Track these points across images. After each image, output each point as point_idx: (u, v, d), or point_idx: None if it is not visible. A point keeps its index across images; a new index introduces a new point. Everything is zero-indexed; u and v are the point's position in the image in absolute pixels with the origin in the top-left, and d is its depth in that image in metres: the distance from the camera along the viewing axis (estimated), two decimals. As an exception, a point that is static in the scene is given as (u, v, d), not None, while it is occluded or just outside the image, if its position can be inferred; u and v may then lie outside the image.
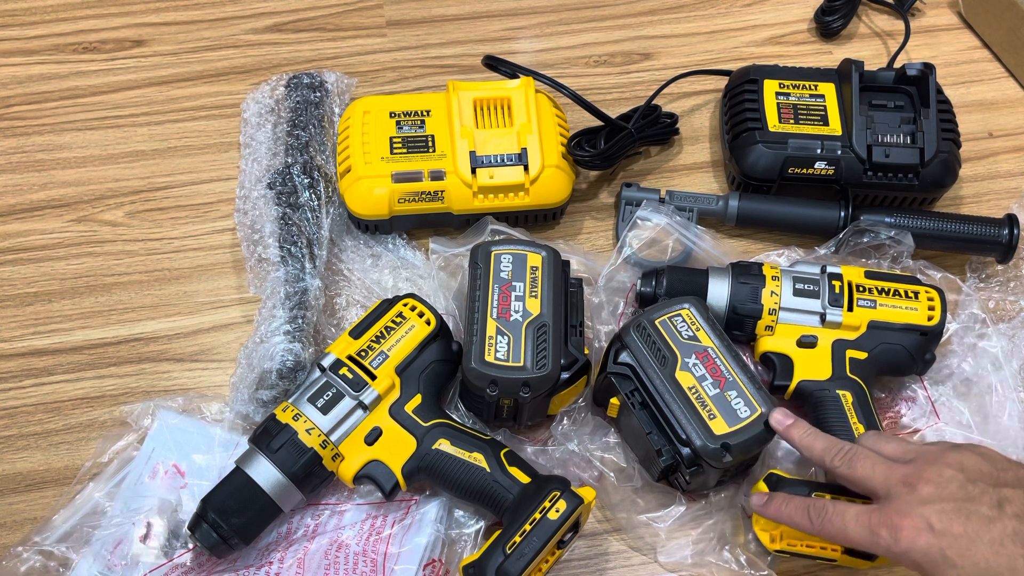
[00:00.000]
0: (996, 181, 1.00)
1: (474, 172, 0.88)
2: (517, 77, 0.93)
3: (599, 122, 0.94)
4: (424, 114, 0.92)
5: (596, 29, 1.10)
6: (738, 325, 0.84)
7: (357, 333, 0.78)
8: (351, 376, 0.76)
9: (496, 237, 0.89)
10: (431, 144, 0.90)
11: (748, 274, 0.84)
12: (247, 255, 0.86)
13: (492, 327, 0.77)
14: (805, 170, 0.92)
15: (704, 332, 0.78)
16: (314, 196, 0.87)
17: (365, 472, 0.75)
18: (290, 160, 0.89)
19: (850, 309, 0.82)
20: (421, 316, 0.79)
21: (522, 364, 0.75)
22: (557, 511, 0.70)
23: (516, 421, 0.80)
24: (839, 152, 0.91)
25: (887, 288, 0.83)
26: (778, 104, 0.94)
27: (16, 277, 0.91)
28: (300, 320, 0.80)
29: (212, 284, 0.91)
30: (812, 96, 0.95)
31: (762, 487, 0.73)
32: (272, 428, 0.74)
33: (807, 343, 0.82)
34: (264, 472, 0.73)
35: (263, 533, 0.75)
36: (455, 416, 0.79)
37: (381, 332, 0.78)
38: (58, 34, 1.07)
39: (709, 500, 0.79)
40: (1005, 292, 0.91)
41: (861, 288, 0.83)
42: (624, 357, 0.77)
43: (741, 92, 0.96)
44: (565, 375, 0.77)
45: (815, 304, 0.82)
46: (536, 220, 0.94)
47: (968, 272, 0.92)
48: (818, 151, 0.91)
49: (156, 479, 0.78)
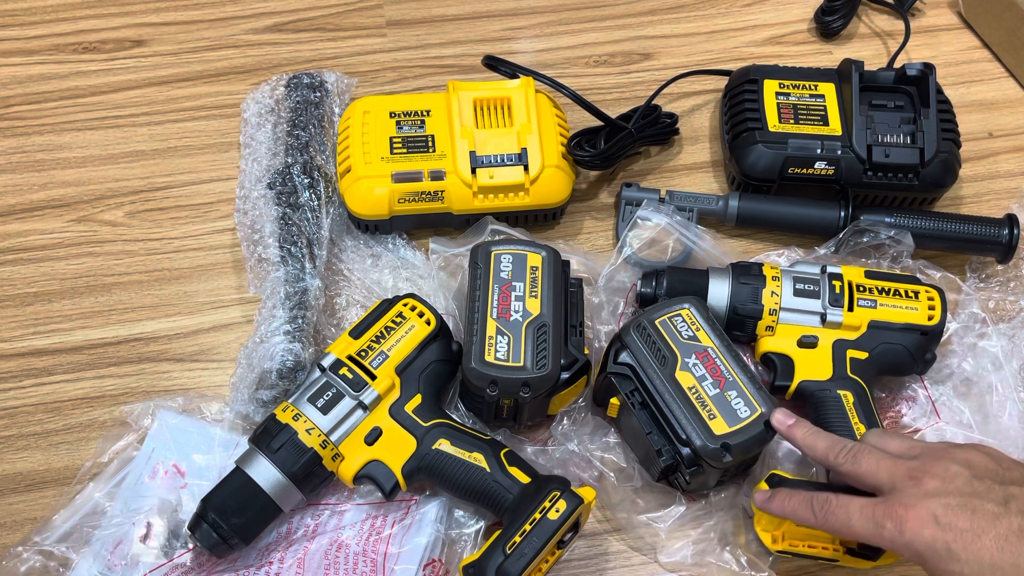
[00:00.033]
0: (996, 181, 1.00)
1: (474, 172, 0.88)
2: (517, 77, 0.93)
3: (599, 122, 0.94)
4: (424, 114, 0.92)
5: (596, 29, 1.10)
6: (739, 325, 0.84)
7: (357, 333, 0.78)
8: (351, 376, 0.76)
9: (496, 237, 0.89)
10: (431, 144, 0.90)
11: (748, 274, 0.84)
12: (247, 255, 0.86)
13: (492, 327, 0.77)
14: (805, 170, 0.92)
15: (704, 332, 0.78)
16: (314, 196, 0.87)
17: (365, 472, 0.75)
18: (290, 160, 0.89)
19: (850, 309, 0.82)
20: (421, 316, 0.79)
21: (522, 364, 0.75)
22: (557, 511, 0.70)
23: (516, 421, 0.80)
24: (839, 152, 0.91)
25: (887, 288, 0.83)
26: (778, 104, 0.94)
27: (16, 277, 0.91)
28: (300, 320, 0.80)
29: (212, 284, 0.91)
30: (812, 96, 0.95)
31: (764, 488, 0.73)
32: (272, 428, 0.74)
33: (808, 343, 0.82)
34: (264, 472, 0.73)
35: (263, 533, 0.75)
36: (455, 416, 0.79)
37: (381, 332, 0.78)
38: (58, 34, 1.07)
39: (709, 500, 0.79)
40: (1005, 292, 0.91)
41: (861, 288, 0.83)
42: (624, 357, 0.77)
43: (741, 92, 0.96)
44: (565, 375, 0.77)
45: (815, 304, 0.82)
46: (536, 220, 0.94)
47: (968, 272, 0.92)
48: (818, 151, 0.91)
49: (156, 479, 0.78)
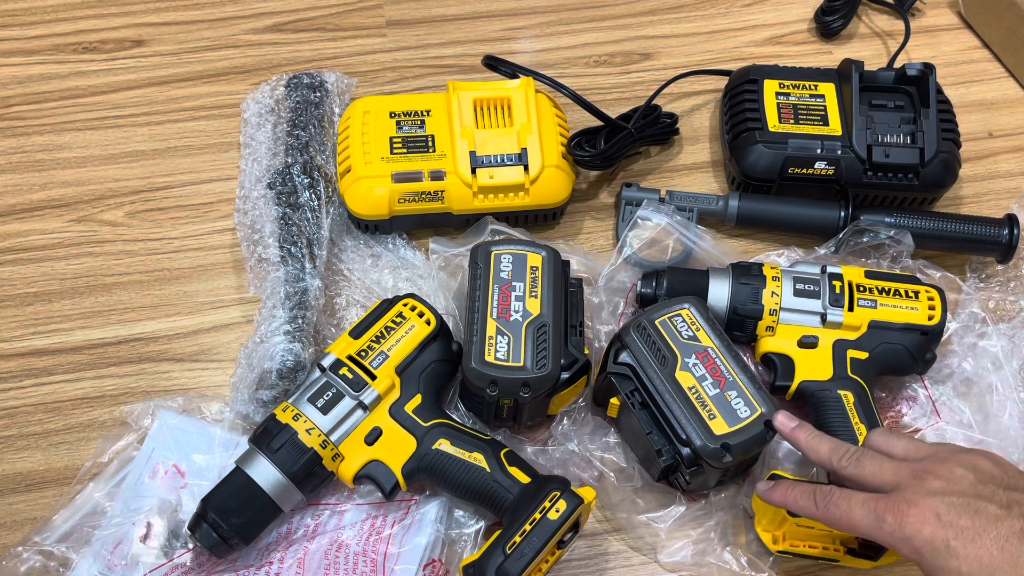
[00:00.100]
0: (996, 181, 1.00)
1: (474, 172, 0.88)
2: (517, 77, 0.93)
3: (599, 122, 0.94)
4: (424, 114, 0.92)
5: (596, 29, 1.10)
6: (739, 326, 0.83)
7: (357, 333, 0.78)
8: (351, 376, 0.76)
9: (496, 237, 0.89)
10: (431, 144, 0.90)
11: (748, 274, 0.84)
12: (247, 255, 0.86)
13: (492, 327, 0.77)
14: (805, 170, 0.92)
15: (704, 332, 0.78)
16: (314, 196, 0.87)
17: (365, 472, 0.75)
18: (290, 160, 0.89)
19: (851, 309, 0.82)
20: (421, 316, 0.79)
21: (522, 364, 0.75)
22: (557, 511, 0.70)
23: (516, 421, 0.80)
24: (839, 152, 0.91)
25: (887, 288, 0.83)
26: (778, 104, 0.94)
27: (16, 277, 0.91)
28: (300, 320, 0.80)
29: (212, 284, 0.91)
30: (812, 96, 0.95)
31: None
32: (272, 428, 0.74)
33: (808, 343, 0.82)
34: (264, 472, 0.73)
35: (263, 533, 0.75)
36: (455, 416, 0.79)
37: (381, 332, 0.78)
38: (58, 34, 1.07)
39: (709, 500, 0.79)
40: (1005, 292, 0.91)
41: (861, 288, 0.83)
42: (624, 357, 0.77)
43: (741, 92, 0.96)
44: (565, 375, 0.77)
45: (816, 304, 0.82)
46: (536, 220, 0.94)
47: (968, 272, 0.92)
48: (818, 151, 0.91)
49: (156, 479, 0.78)
